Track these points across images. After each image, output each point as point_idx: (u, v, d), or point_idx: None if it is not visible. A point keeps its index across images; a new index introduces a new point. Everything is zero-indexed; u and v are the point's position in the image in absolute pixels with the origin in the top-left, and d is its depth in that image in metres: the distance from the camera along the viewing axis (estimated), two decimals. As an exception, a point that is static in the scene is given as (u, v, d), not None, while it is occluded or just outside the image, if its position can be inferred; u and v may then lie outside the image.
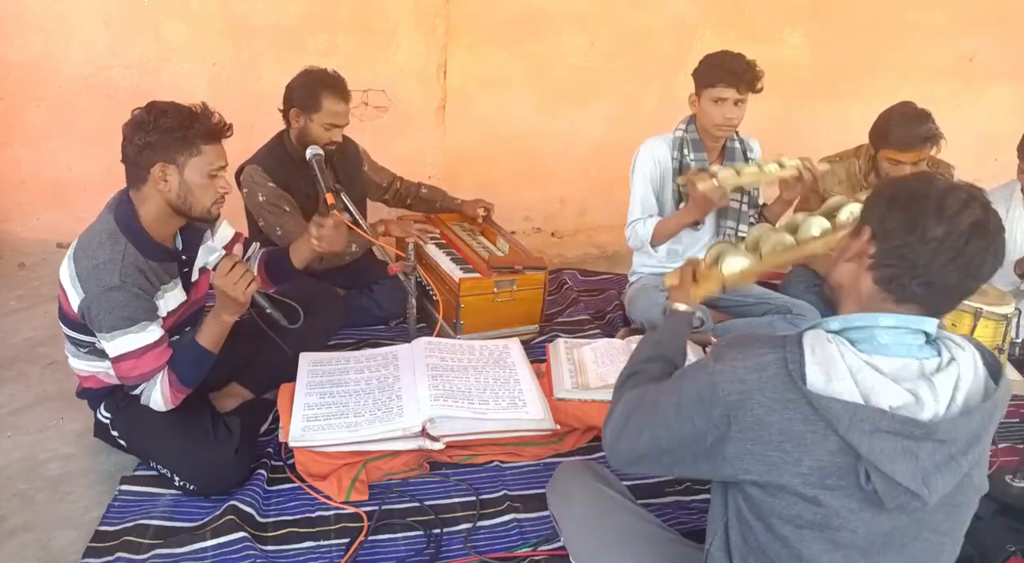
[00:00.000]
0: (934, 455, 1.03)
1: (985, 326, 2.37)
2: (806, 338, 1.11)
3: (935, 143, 2.59)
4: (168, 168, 1.77)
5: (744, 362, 1.11)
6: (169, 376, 1.86)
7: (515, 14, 3.50)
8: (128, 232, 1.81)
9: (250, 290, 1.85)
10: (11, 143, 3.30)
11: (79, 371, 1.98)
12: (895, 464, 1.02)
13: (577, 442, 2.21)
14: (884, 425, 1.02)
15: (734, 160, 2.71)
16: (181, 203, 1.81)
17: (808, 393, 1.05)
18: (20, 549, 1.76)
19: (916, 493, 1.03)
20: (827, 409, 1.04)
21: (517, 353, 2.42)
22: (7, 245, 3.36)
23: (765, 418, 1.08)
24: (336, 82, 2.55)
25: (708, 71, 2.54)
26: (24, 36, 3.14)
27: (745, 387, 1.09)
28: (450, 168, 3.67)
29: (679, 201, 2.70)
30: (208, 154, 1.80)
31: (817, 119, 4.08)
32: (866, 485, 1.04)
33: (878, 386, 1.05)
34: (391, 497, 1.95)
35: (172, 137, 1.75)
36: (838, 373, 1.05)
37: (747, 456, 1.10)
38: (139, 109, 1.78)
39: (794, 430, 1.06)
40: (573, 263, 3.72)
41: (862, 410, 1.03)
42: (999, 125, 4.37)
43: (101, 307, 1.75)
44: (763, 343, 1.14)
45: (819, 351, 1.08)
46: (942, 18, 4.08)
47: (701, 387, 1.15)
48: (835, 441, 1.05)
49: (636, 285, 2.86)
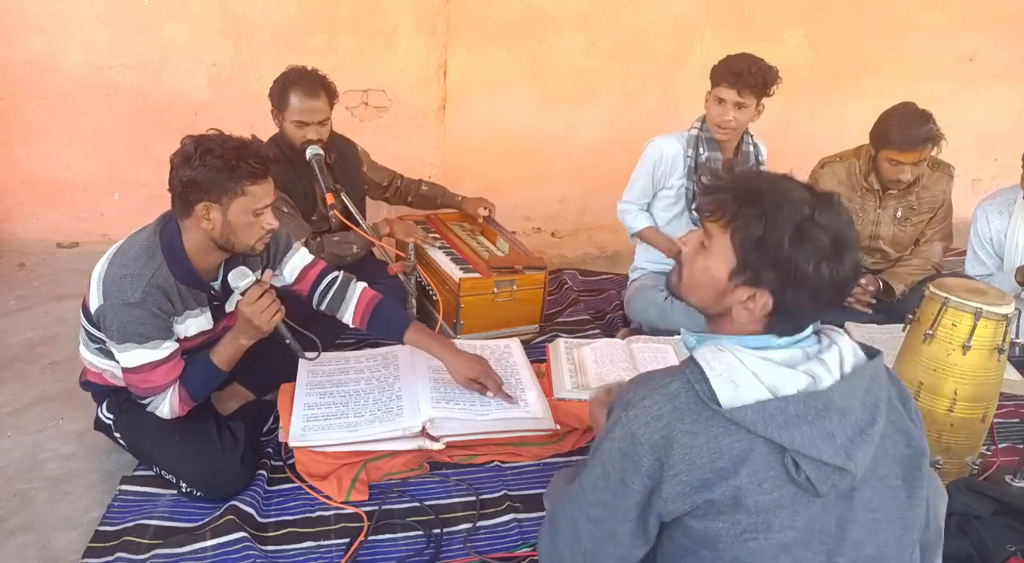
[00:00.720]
0: (845, 428, 1.08)
1: (985, 326, 2.36)
2: (699, 356, 1.13)
3: (936, 144, 2.59)
4: (212, 207, 1.73)
5: (653, 397, 1.11)
6: (180, 391, 1.86)
7: (515, 14, 3.50)
8: (168, 252, 1.79)
9: (275, 321, 1.84)
10: (11, 143, 3.30)
11: (88, 363, 1.97)
12: (818, 446, 1.06)
13: (577, 442, 2.21)
14: (791, 410, 1.06)
15: (748, 163, 2.72)
16: (223, 241, 1.79)
17: (723, 411, 1.07)
18: (20, 549, 1.76)
19: (843, 468, 1.06)
20: (741, 419, 1.06)
21: (518, 353, 2.42)
22: (7, 245, 3.36)
23: (692, 443, 1.07)
24: (303, 78, 2.47)
25: (716, 69, 2.58)
26: (24, 36, 3.14)
27: (663, 422, 1.09)
28: (450, 168, 3.67)
29: (692, 199, 2.71)
30: (253, 195, 1.75)
31: (817, 119, 4.08)
32: (797, 475, 1.07)
33: (780, 376, 1.09)
34: (391, 497, 1.95)
35: (217, 177, 1.70)
36: (742, 378, 1.09)
37: (684, 490, 1.09)
38: (189, 139, 1.74)
39: (721, 445, 1.07)
40: (573, 263, 3.72)
41: (769, 405, 1.07)
42: (999, 125, 4.38)
43: (116, 319, 1.75)
44: (661, 375, 1.15)
45: (716, 364, 1.10)
46: (942, 18, 4.08)
47: (621, 443, 1.12)
48: (761, 442, 1.07)
49: (635, 284, 2.87)
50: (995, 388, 2.10)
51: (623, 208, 2.87)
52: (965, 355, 2.12)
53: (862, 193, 2.86)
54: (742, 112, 2.56)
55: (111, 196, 3.38)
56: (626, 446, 1.11)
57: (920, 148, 2.58)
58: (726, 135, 2.64)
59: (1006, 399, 2.54)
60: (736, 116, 2.56)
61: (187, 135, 1.76)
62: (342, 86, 2.64)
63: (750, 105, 2.55)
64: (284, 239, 2.09)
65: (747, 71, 2.49)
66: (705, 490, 1.08)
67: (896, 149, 2.62)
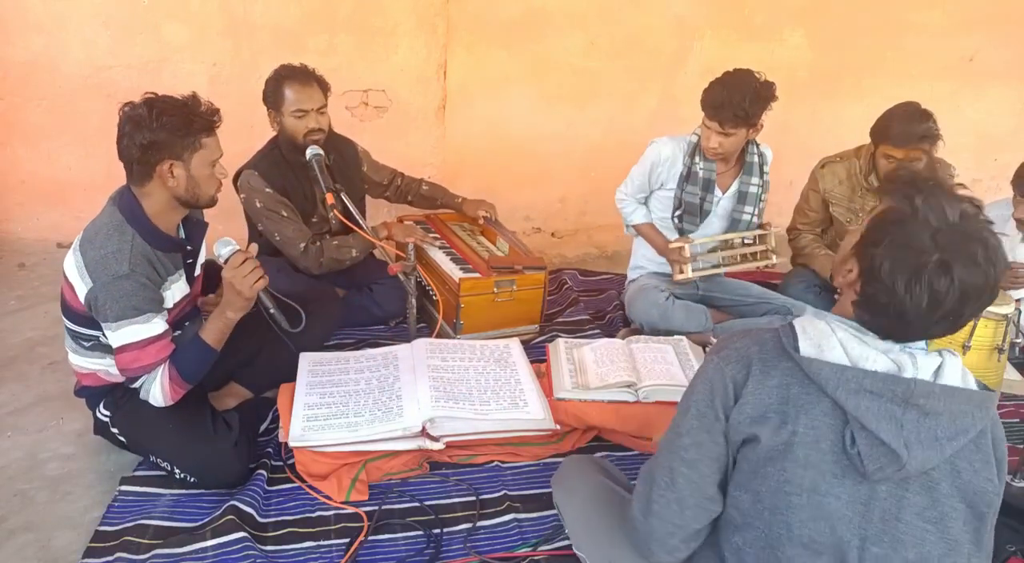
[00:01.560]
0: (919, 429, 1.10)
1: (985, 326, 2.37)
2: (797, 321, 1.21)
3: (932, 143, 2.59)
4: (175, 165, 1.79)
5: (743, 340, 1.23)
6: (170, 370, 1.86)
7: (515, 14, 3.50)
8: (135, 223, 1.82)
9: (257, 286, 1.87)
10: (11, 143, 3.30)
11: (79, 368, 1.98)
12: (880, 423, 1.09)
13: (577, 442, 2.21)
14: (868, 384, 1.11)
15: (751, 175, 2.70)
16: (188, 196, 1.85)
17: (800, 359, 1.15)
18: (20, 549, 1.76)
19: (896, 453, 1.09)
20: (817, 372, 1.13)
21: (518, 353, 2.42)
22: (7, 245, 3.36)
23: (765, 381, 1.17)
24: (295, 71, 2.51)
25: (702, 96, 2.52)
26: (24, 36, 3.14)
27: (747, 357, 1.20)
28: (450, 168, 3.67)
29: (677, 206, 2.71)
30: (209, 146, 1.83)
31: (817, 119, 4.08)
32: (851, 448, 1.11)
33: (866, 353, 1.13)
34: (391, 497, 1.95)
35: (177, 135, 1.77)
36: (829, 344, 1.15)
37: (743, 419, 1.18)
38: (132, 106, 1.78)
39: (791, 393, 1.15)
40: (573, 263, 3.72)
41: (848, 371, 1.12)
42: (999, 125, 4.38)
43: (109, 295, 1.75)
44: (758, 330, 1.26)
45: (810, 328, 1.18)
46: (942, 18, 4.08)
47: (712, 380, 1.22)
48: (827, 403, 1.13)
49: (636, 285, 2.86)
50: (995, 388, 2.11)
51: (621, 198, 2.86)
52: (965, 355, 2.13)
53: (862, 193, 2.86)
54: (729, 139, 2.51)
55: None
56: (715, 381, 1.21)
57: (915, 145, 2.58)
58: (717, 158, 2.64)
59: (1006, 399, 2.54)
60: (723, 142, 2.52)
61: (126, 102, 1.79)
62: (342, 86, 2.64)
63: (737, 133, 2.50)
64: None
65: (727, 103, 2.41)
66: (762, 423, 1.15)
67: (892, 144, 2.62)
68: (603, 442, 2.23)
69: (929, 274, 1.07)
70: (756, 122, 2.50)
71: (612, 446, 2.22)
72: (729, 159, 2.68)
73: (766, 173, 2.73)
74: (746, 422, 1.17)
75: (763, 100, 2.45)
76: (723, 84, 2.46)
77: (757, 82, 2.44)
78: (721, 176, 2.70)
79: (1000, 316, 2.39)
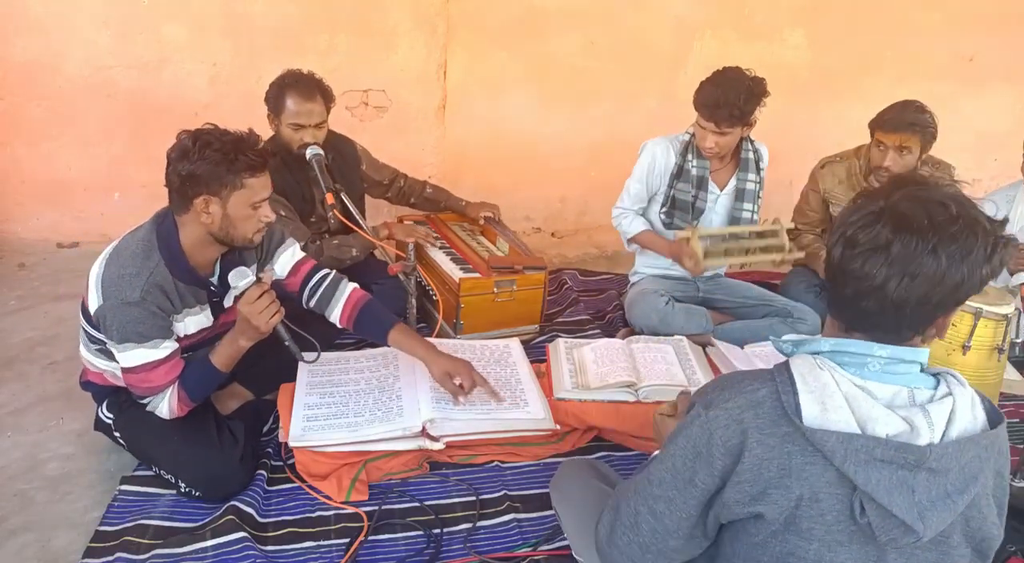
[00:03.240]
0: (930, 489, 1.02)
1: (985, 326, 2.37)
2: (795, 367, 1.09)
3: (922, 132, 2.60)
4: (211, 200, 1.74)
5: (736, 401, 1.09)
6: (179, 392, 1.86)
7: (515, 14, 3.50)
8: (165, 250, 1.79)
9: (273, 321, 1.84)
10: (11, 143, 3.30)
11: (88, 363, 1.97)
12: (892, 496, 1.01)
13: (577, 442, 2.21)
14: (879, 453, 1.01)
15: (747, 171, 2.70)
16: (222, 234, 1.80)
17: (804, 429, 1.04)
18: (20, 549, 1.76)
19: (911, 527, 1.02)
20: (822, 443, 1.02)
21: (518, 353, 2.42)
22: (7, 245, 3.36)
23: (765, 455, 1.06)
24: (299, 81, 2.47)
25: (695, 96, 2.52)
26: (24, 36, 3.14)
27: (743, 427, 1.07)
28: (450, 168, 3.67)
29: (665, 203, 2.70)
30: (252, 187, 1.76)
31: (817, 119, 4.07)
32: (860, 518, 1.03)
33: (874, 413, 1.03)
34: (391, 497, 1.95)
35: (217, 171, 1.71)
36: (834, 403, 1.04)
37: (742, 498, 1.08)
38: (185, 134, 1.74)
39: (793, 464, 1.05)
40: (573, 263, 3.72)
41: (857, 440, 1.02)
42: (998, 125, 4.38)
43: (115, 319, 1.75)
44: (751, 379, 1.12)
45: (811, 380, 1.06)
46: (942, 18, 4.08)
47: (697, 441, 1.11)
48: (833, 473, 1.04)
49: (636, 288, 2.86)
50: (995, 388, 2.11)
51: (617, 214, 2.83)
52: (965, 355, 2.13)
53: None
54: (725, 138, 2.52)
55: (111, 196, 3.37)
56: (701, 445, 1.10)
57: (904, 132, 2.59)
58: (712, 157, 2.64)
59: (1006, 399, 2.54)
60: (719, 142, 2.53)
61: (183, 129, 1.76)
62: (342, 86, 2.64)
63: (733, 132, 2.51)
64: (278, 233, 2.09)
65: (722, 102, 2.42)
66: (763, 501, 1.06)
67: (882, 130, 2.65)
68: (603, 442, 2.23)
69: (875, 233, 1.02)
70: (751, 119, 2.51)
71: (612, 446, 2.22)
72: (724, 157, 2.69)
73: (762, 170, 2.73)
74: (746, 500, 1.08)
75: (756, 97, 2.47)
76: (715, 84, 2.46)
77: (749, 79, 2.45)
78: (717, 173, 2.71)
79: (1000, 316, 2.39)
